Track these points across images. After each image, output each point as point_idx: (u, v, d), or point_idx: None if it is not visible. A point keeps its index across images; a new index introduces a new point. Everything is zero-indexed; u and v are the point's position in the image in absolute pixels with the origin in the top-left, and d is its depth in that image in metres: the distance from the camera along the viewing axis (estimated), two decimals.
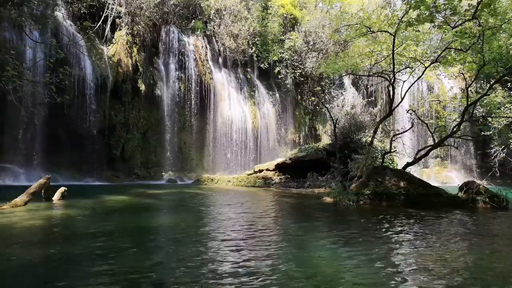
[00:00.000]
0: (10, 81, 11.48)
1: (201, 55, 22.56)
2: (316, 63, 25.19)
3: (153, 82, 20.72)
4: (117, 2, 19.49)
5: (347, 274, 3.73)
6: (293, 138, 26.63)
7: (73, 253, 4.33)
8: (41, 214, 7.04)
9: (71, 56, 16.82)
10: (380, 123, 14.02)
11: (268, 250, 4.64)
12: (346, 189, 10.30)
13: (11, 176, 15.14)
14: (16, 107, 13.28)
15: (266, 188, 15.94)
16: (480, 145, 23.74)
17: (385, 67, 14.85)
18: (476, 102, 12.26)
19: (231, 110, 23.10)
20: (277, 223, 7.05)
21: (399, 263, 4.19)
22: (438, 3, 10.06)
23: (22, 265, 3.89)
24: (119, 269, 3.76)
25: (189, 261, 4.07)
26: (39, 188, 8.43)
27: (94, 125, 17.87)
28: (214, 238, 5.42)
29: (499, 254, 4.81)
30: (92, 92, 17.77)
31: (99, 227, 6.01)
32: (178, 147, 21.56)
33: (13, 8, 12.79)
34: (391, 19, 12.05)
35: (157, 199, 11.00)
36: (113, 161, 19.10)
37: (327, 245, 5.06)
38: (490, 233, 6.47)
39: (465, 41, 10.80)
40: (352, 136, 17.19)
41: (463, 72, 14.66)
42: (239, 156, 22.99)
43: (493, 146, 20.96)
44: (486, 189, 9.98)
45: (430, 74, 15.72)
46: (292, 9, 26.97)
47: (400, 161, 15.94)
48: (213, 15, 23.78)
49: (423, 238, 5.67)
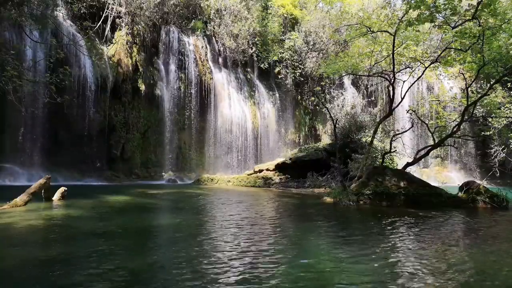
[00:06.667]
0: (10, 81, 11.47)
1: (201, 55, 22.55)
2: (316, 63, 25.18)
3: (153, 82, 20.71)
4: (117, 2, 19.49)
5: (348, 274, 3.73)
6: (293, 138, 26.63)
7: (73, 253, 4.33)
8: (41, 214, 7.04)
9: (71, 56, 16.81)
10: (380, 123, 14.02)
11: (268, 250, 4.64)
12: (346, 189, 10.30)
13: (11, 176, 15.13)
14: (16, 107, 13.26)
15: (266, 188, 15.94)
16: (480, 145, 23.72)
17: (385, 67, 14.85)
18: (476, 102, 12.26)
19: (231, 110, 23.09)
20: (277, 223, 7.05)
21: (399, 263, 4.19)
22: (438, 3, 10.05)
23: (22, 265, 3.89)
24: (119, 269, 3.76)
25: (189, 261, 4.07)
26: (39, 188, 8.42)
27: (94, 125, 17.86)
28: (215, 238, 5.42)
29: (499, 254, 4.81)
30: (92, 92, 17.76)
31: (99, 227, 6.02)
32: (178, 147, 21.56)
33: (13, 8, 12.79)
34: (391, 19, 12.05)
35: (157, 199, 11.00)
36: (113, 161, 19.09)
37: (327, 245, 5.06)
38: (490, 233, 6.47)
39: (465, 41, 10.80)
40: (352, 136, 17.18)
41: (463, 72, 14.65)
42: (239, 156, 22.99)
43: (493, 146, 20.93)
44: (486, 189, 9.99)
45: (430, 74, 15.73)
46: (292, 9, 26.96)
47: (400, 161, 15.94)
48: (213, 15, 23.77)
49: (423, 238, 5.67)
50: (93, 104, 17.77)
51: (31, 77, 14.36)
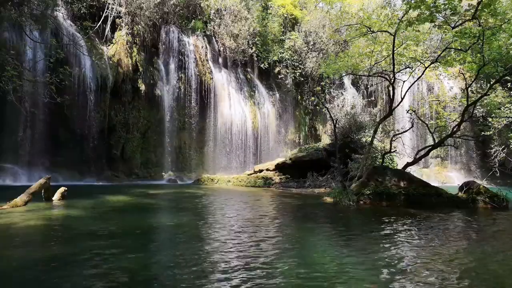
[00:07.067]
0: (10, 81, 11.48)
1: (201, 55, 22.55)
2: (316, 63, 25.18)
3: (153, 82, 20.71)
4: (117, 2, 19.49)
5: (348, 274, 3.73)
6: (293, 138, 26.63)
7: (73, 253, 4.33)
8: (41, 214, 7.04)
9: (71, 56, 16.81)
10: (380, 123, 14.02)
11: (268, 250, 4.64)
12: (346, 189, 10.29)
13: (11, 176, 15.13)
14: (16, 107, 13.27)
15: (266, 188, 15.94)
16: (480, 145, 23.72)
17: (385, 67, 14.85)
18: (476, 102, 12.26)
19: (231, 110, 23.09)
20: (277, 223, 7.05)
21: (400, 263, 4.18)
22: (438, 3, 10.05)
23: (22, 265, 3.89)
24: (119, 270, 3.76)
25: (190, 261, 4.07)
26: (39, 188, 8.42)
27: (94, 125, 17.86)
28: (215, 238, 5.42)
29: (499, 255, 4.81)
30: (92, 92, 17.75)
31: (99, 227, 6.01)
32: (178, 147, 21.56)
33: (13, 8, 12.80)
34: (391, 19, 12.04)
35: (157, 199, 11.00)
36: (113, 161, 19.09)
37: (328, 245, 5.06)
38: (490, 233, 6.47)
39: (465, 41, 10.80)
40: (352, 136, 17.18)
41: (463, 72, 14.66)
42: (239, 156, 22.99)
43: (493, 146, 20.95)
44: (486, 189, 9.99)
45: (430, 74, 15.70)
46: (292, 9, 26.96)
47: (400, 161, 15.94)
48: (213, 15, 23.77)
49: (423, 238, 5.67)
50: (93, 104, 17.76)
51: (31, 77, 14.37)
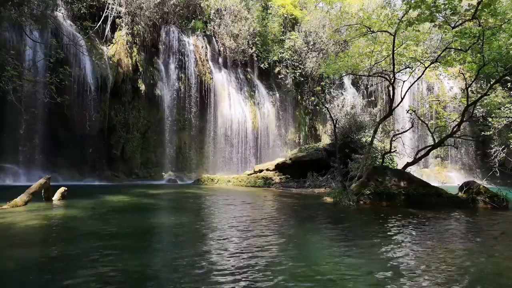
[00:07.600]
0: (10, 81, 11.48)
1: (201, 55, 22.55)
2: (316, 63, 25.19)
3: (153, 82, 20.71)
4: (117, 2, 19.49)
5: (348, 274, 3.72)
6: (293, 138, 26.63)
7: (73, 253, 4.33)
8: (41, 214, 7.03)
9: (71, 56, 16.81)
10: (380, 123, 14.02)
11: (268, 250, 4.63)
12: (346, 189, 10.29)
13: (11, 176, 15.14)
14: (16, 107, 13.26)
15: (266, 188, 15.94)
16: (480, 145, 23.73)
17: (385, 67, 14.85)
18: (476, 102, 12.26)
19: (231, 110, 23.09)
20: (277, 223, 7.05)
21: (399, 263, 4.19)
22: (438, 3, 10.05)
23: (22, 265, 3.89)
24: (119, 270, 3.75)
25: (190, 261, 4.07)
26: (39, 188, 8.42)
27: (94, 125, 17.83)
28: (215, 238, 5.42)
29: (499, 255, 4.81)
30: (92, 92, 17.74)
31: (99, 227, 6.01)
32: (178, 147, 21.56)
33: (13, 8, 12.79)
34: (391, 19, 12.04)
35: (157, 199, 11.00)
36: (113, 161, 19.09)
37: (328, 245, 5.06)
38: (490, 233, 6.47)
39: (465, 41, 10.80)
40: (352, 136, 17.18)
41: (463, 72, 14.65)
42: (239, 156, 22.99)
43: (493, 146, 20.96)
44: (486, 189, 9.99)
45: (430, 74, 15.70)
46: (292, 9, 26.96)
47: (400, 161, 15.94)
48: (213, 15, 23.77)
49: (423, 238, 5.67)
50: (93, 104, 17.76)
51: (31, 77, 14.37)
